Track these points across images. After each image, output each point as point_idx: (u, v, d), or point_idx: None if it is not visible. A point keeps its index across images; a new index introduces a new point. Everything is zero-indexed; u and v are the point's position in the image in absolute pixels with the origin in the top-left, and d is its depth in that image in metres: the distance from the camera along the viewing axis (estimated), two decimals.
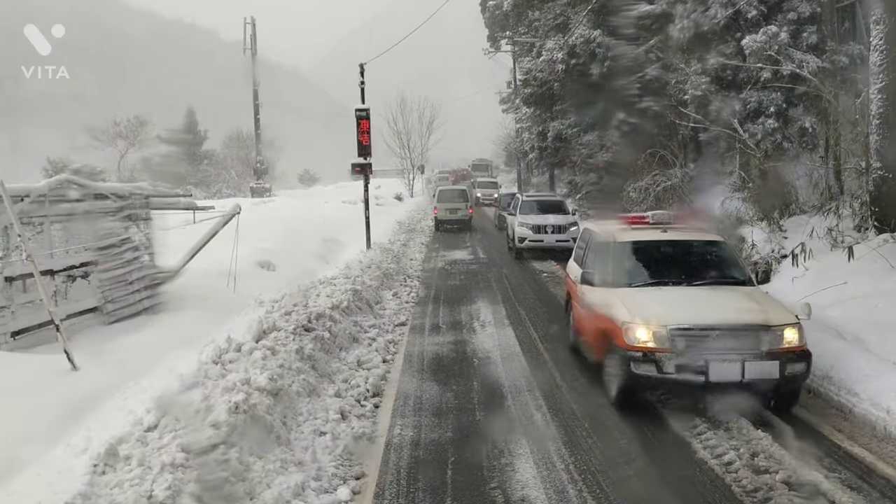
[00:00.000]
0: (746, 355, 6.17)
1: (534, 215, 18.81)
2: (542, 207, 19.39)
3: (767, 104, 13.90)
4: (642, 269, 7.77)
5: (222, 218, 12.41)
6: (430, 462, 5.78)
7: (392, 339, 9.95)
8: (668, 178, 17.92)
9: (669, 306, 6.73)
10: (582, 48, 20.69)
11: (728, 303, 6.88)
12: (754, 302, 6.89)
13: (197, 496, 4.42)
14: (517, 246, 18.58)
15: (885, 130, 10.43)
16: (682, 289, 7.31)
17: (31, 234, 8.54)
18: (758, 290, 7.64)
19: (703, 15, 14.80)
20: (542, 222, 18.37)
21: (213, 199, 28.35)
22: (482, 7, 43.93)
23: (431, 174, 59.52)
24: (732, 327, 6.32)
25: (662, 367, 6.26)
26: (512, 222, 19.61)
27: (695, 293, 7.18)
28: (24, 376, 6.72)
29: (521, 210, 19.17)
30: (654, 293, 7.15)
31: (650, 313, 6.60)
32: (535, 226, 18.29)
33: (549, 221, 18.39)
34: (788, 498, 4.93)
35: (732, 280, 7.62)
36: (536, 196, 22.24)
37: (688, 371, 6.19)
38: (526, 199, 20.43)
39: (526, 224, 18.47)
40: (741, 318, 6.44)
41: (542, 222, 18.36)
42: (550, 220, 18.49)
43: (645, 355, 6.36)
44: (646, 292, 7.21)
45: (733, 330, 6.30)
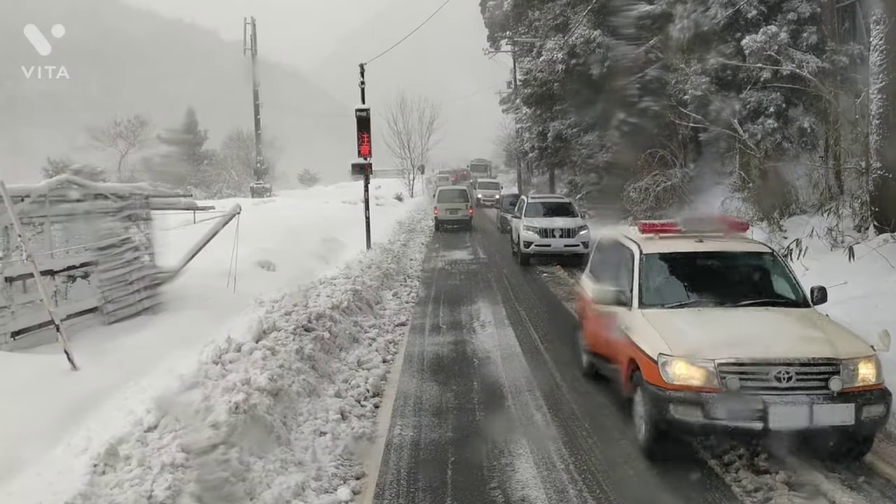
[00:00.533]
0: (814, 396, 5.11)
1: (540, 218, 17.67)
2: (549, 210, 18.31)
3: (767, 104, 13.92)
4: (676, 287, 6.71)
5: (222, 218, 12.41)
6: (430, 462, 5.78)
7: (392, 339, 9.95)
8: (668, 178, 17.95)
9: (715, 334, 5.62)
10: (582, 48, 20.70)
11: (786, 330, 5.81)
12: (817, 329, 5.81)
13: (197, 496, 4.42)
14: (523, 251, 17.41)
15: (885, 130, 10.43)
16: (727, 311, 6.16)
17: (32, 234, 8.54)
18: (817, 312, 6.34)
19: (703, 15, 14.81)
20: (549, 226, 17.15)
21: (214, 200, 28.35)
22: (482, 7, 43.97)
23: (431, 174, 59.58)
24: (796, 362, 5.21)
25: (710, 411, 5.13)
26: (517, 226, 18.50)
27: (743, 317, 6.07)
28: (24, 376, 6.72)
29: (527, 212, 18.09)
30: (692, 317, 6.04)
31: (692, 344, 5.47)
32: (542, 229, 17.06)
33: (556, 225, 17.15)
34: (789, 498, 4.93)
35: (785, 300, 6.47)
36: (543, 198, 21.03)
37: (742, 416, 5.10)
38: (532, 200, 19.29)
39: (532, 228, 17.26)
40: (806, 350, 5.34)
41: (550, 226, 17.14)
42: (558, 223, 17.24)
43: (687, 396, 5.24)
44: (683, 316, 6.09)
45: (798, 365, 5.20)
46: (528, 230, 17.31)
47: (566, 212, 18.27)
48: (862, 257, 9.74)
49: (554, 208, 18.54)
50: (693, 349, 5.39)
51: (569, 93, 23.92)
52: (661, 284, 6.65)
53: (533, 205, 18.78)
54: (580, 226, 17.20)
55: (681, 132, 18.18)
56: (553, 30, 25.08)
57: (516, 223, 18.78)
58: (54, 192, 9.02)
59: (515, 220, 19.02)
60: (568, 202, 19.60)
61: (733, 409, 5.11)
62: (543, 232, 17.07)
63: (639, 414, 5.86)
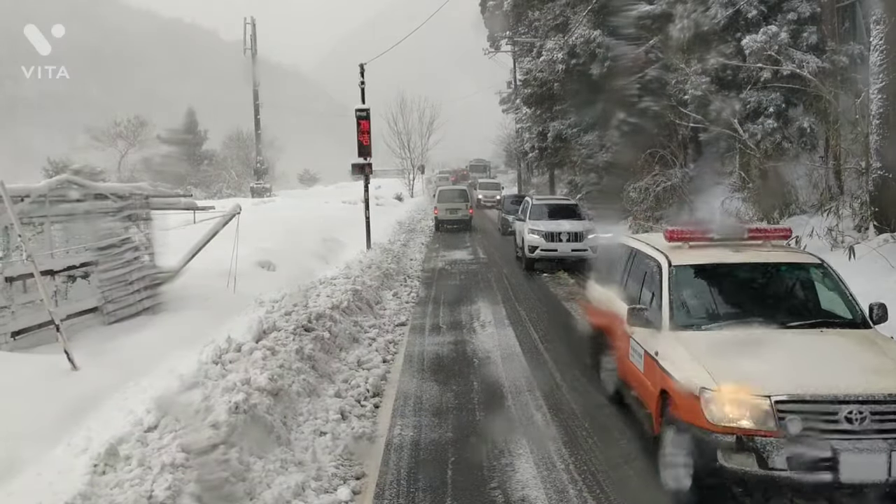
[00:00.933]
0: (893, 441, 4.27)
1: (546, 221, 16.77)
2: (555, 212, 17.39)
3: (767, 104, 13.91)
4: (713, 305, 5.89)
5: (222, 218, 12.42)
6: (430, 462, 5.78)
7: (392, 339, 9.95)
8: (668, 178, 17.95)
9: (767, 363, 4.75)
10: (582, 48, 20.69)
11: (850, 357, 4.99)
12: (885, 355, 4.96)
13: (197, 496, 4.42)
14: (528, 256, 16.54)
15: (885, 130, 10.44)
16: (775, 334, 5.22)
17: (32, 234, 8.55)
18: (880, 334, 5.43)
19: (703, 15, 14.80)
20: (555, 229, 16.23)
21: (214, 200, 28.35)
22: (482, 7, 43.92)
23: (431, 174, 59.61)
24: (871, 399, 4.35)
25: (768, 458, 4.29)
26: (521, 229, 17.67)
27: (794, 342, 5.18)
28: (24, 376, 6.72)
29: (532, 215, 17.20)
30: (735, 342, 5.12)
31: (741, 374, 4.59)
32: (548, 233, 16.17)
33: (563, 228, 16.26)
34: (788, 498, 4.92)
35: (840, 320, 5.61)
36: (548, 199, 20.24)
37: (806, 466, 4.25)
38: (537, 202, 18.36)
39: (537, 231, 16.39)
40: (880, 383, 4.46)
41: (556, 229, 16.23)
42: (565, 226, 16.34)
43: (740, 441, 4.36)
44: (723, 340, 5.19)
45: (872, 403, 4.34)
46: (534, 234, 16.48)
47: (573, 214, 17.43)
48: (862, 257, 9.75)
49: (560, 210, 17.64)
50: (742, 380, 4.52)
51: (569, 93, 23.91)
52: (696, 302, 5.84)
53: (538, 206, 17.88)
54: (587, 229, 16.31)
55: (681, 132, 18.18)
56: (553, 30, 25.08)
57: (520, 226, 17.91)
58: (54, 192, 9.02)
59: (519, 223, 18.18)
60: (574, 204, 18.70)
61: (796, 457, 4.27)
62: (549, 236, 16.21)
63: (670, 458, 4.94)
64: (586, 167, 25.49)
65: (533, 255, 16.38)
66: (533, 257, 16.40)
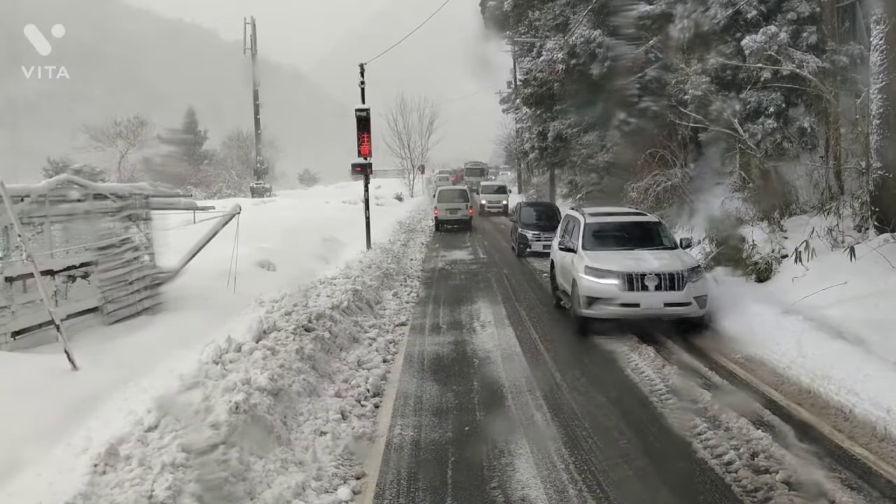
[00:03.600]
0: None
1: (616, 252, 10.37)
2: (625, 236, 11.07)
3: (767, 104, 13.89)
4: None
5: (222, 218, 12.42)
6: (430, 462, 5.78)
7: (392, 339, 9.96)
8: (669, 178, 17.92)
9: None
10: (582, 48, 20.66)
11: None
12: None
13: (197, 496, 4.42)
14: (582, 312, 9.89)
15: (886, 130, 10.43)
16: None
17: (32, 234, 8.55)
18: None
19: (703, 15, 14.78)
20: (636, 269, 9.71)
21: (214, 200, 28.40)
22: (482, 7, 43.91)
23: (431, 174, 59.59)
24: None
25: None
26: (566, 263, 11.11)
27: None
28: (24, 376, 6.72)
29: (588, 241, 10.79)
30: None
31: None
32: (627, 276, 9.61)
33: (649, 267, 9.75)
34: (789, 498, 4.93)
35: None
36: (611, 215, 12.08)
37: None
38: (592, 220, 11.32)
39: (602, 272, 9.80)
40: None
41: (637, 268, 9.71)
42: (651, 262, 9.90)
43: None
44: None
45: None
46: (595, 276, 9.85)
47: (652, 239, 10.96)
48: (862, 257, 9.75)
49: (632, 232, 11.19)
50: None
51: (569, 93, 23.87)
52: None
53: (595, 227, 11.15)
54: (690, 267, 9.86)
55: (681, 132, 18.14)
56: (553, 30, 25.05)
57: (564, 259, 11.39)
58: (54, 192, 9.02)
59: (562, 254, 11.53)
60: (654, 222, 11.73)
61: None
62: (629, 280, 9.58)
63: None
64: (586, 167, 25.45)
65: (592, 311, 9.78)
66: (593, 315, 9.81)
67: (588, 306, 9.84)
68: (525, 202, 23.97)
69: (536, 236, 17.52)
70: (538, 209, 20.88)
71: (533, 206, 21.72)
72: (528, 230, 18.65)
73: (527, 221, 19.45)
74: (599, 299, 9.70)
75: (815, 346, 7.75)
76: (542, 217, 19.31)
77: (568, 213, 13.14)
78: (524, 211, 20.47)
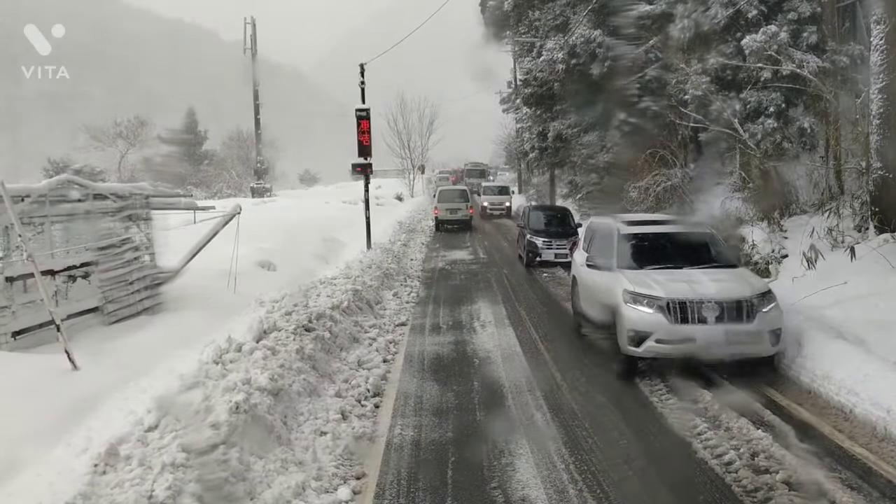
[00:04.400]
0: None
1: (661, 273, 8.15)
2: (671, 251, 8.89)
3: (767, 104, 13.89)
4: None
5: (223, 218, 12.43)
6: (430, 462, 5.78)
7: (392, 339, 9.96)
8: (669, 178, 17.92)
9: None
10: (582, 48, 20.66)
11: None
12: None
13: (197, 496, 4.42)
14: (633, 352, 7.73)
15: (886, 130, 10.43)
16: None
17: (32, 234, 8.55)
18: None
19: (703, 15, 14.78)
20: (690, 294, 7.53)
21: (214, 200, 28.39)
22: (482, 7, 43.91)
23: (432, 174, 59.57)
24: None
25: None
26: (600, 287, 8.75)
27: None
28: (24, 376, 6.72)
29: (626, 258, 8.67)
30: None
31: None
32: (680, 304, 7.46)
33: (707, 292, 7.60)
34: (789, 498, 4.93)
35: None
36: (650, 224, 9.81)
37: None
38: (629, 230, 9.17)
39: (652, 299, 7.65)
40: None
41: (692, 294, 7.53)
42: (708, 286, 7.71)
43: None
44: None
45: None
46: (641, 304, 7.71)
47: (705, 252, 8.86)
48: (862, 257, 9.74)
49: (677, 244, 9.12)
50: None
51: (569, 93, 23.87)
52: None
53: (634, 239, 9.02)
54: (760, 291, 7.79)
55: (681, 132, 18.14)
56: (553, 30, 25.05)
57: (590, 277, 9.34)
58: (54, 192, 9.03)
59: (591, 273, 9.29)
60: (707, 231, 9.34)
61: None
62: (680, 310, 7.46)
63: None
64: (587, 167, 25.45)
65: (641, 349, 7.65)
66: (641, 354, 7.72)
67: (637, 343, 7.66)
68: (533, 205, 21.74)
69: (547, 244, 15.92)
70: (548, 213, 18.88)
71: (542, 210, 19.53)
72: (538, 237, 16.81)
73: (536, 227, 17.36)
74: (647, 334, 7.61)
75: (815, 345, 7.75)
76: (552, 222, 17.52)
77: (595, 222, 10.96)
78: (533, 215, 18.19)
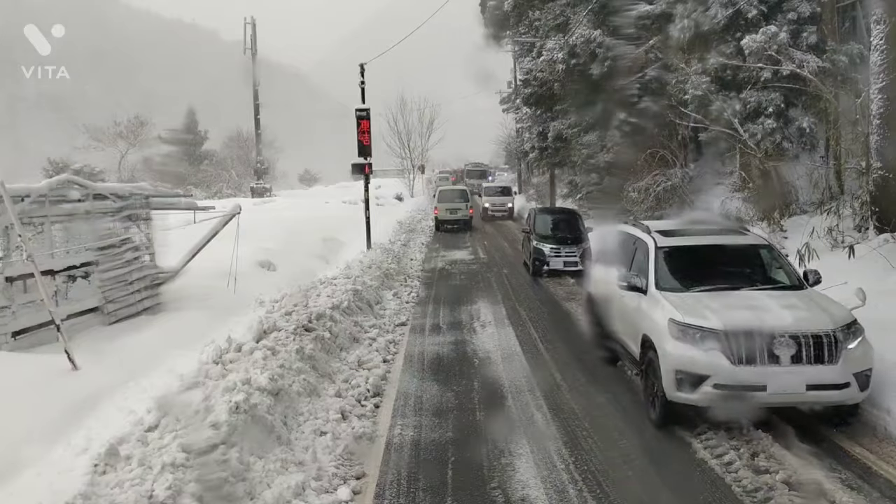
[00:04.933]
0: None
1: (714, 296, 6.59)
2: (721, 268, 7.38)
3: (767, 104, 13.89)
4: None
5: (223, 218, 12.43)
6: (430, 462, 5.78)
7: (392, 339, 9.96)
8: (669, 178, 17.91)
9: None
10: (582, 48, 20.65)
11: None
12: None
13: (197, 496, 4.42)
14: (677, 397, 6.10)
15: (886, 130, 10.43)
16: None
17: (32, 234, 8.56)
18: None
19: (703, 15, 14.78)
20: (756, 325, 5.95)
21: (214, 200, 28.36)
22: (482, 7, 43.91)
23: (432, 174, 59.52)
24: None
25: None
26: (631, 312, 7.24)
27: None
28: (24, 376, 6.73)
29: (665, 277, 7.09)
30: None
31: None
32: (745, 337, 5.88)
33: (779, 323, 6.02)
34: (789, 498, 4.93)
35: None
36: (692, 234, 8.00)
37: None
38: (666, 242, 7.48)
39: (706, 333, 6.00)
40: None
41: (759, 325, 5.96)
42: (778, 314, 6.20)
43: None
44: None
45: None
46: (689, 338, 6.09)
47: (762, 269, 7.56)
48: (862, 257, 9.74)
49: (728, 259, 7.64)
50: None
51: (569, 93, 23.86)
52: None
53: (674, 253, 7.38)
54: (844, 322, 6.40)
55: (681, 132, 18.15)
56: (553, 30, 25.04)
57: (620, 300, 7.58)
58: (54, 192, 9.03)
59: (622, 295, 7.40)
60: (763, 244, 7.88)
61: None
62: (746, 346, 5.86)
63: None
64: (587, 167, 25.44)
65: (689, 396, 6.06)
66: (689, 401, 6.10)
67: (683, 388, 6.00)
68: (539, 208, 19.66)
69: (555, 251, 14.86)
70: (556, 217, 17.36)
71: (549, 214, 18.08)
72: (545, 243, 15.39)
73: (542, 233, 15.90)
74: (702, 377, 5.88)
75: None
76: (560, 227, 16.17)
77: (623, 231, 8.68)
78: (539, 219, 16.67)
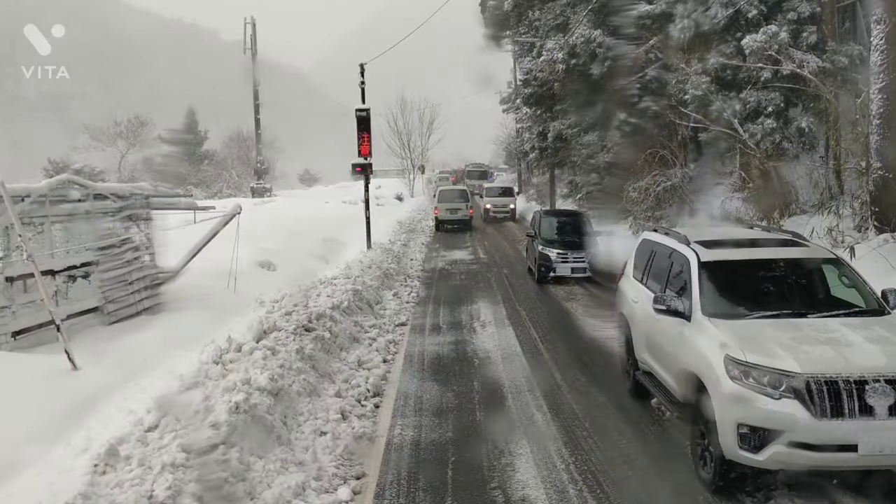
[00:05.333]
0: None
1: (777, 325, 5.31)
2: (780, 289, 6.17)
3: (767, 104, 13.90)
4: None
5: (223, 218, 12.42)
6: (430, 462, 5.78)
7: (392, 339, 9.96)
8: (669, 178, 17.92)
9: None
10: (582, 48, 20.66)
11: None
12: None
13: (197, 496, 4.42)
14: (744, 458, 4.77)
15: (886, 130, 10.44)
16: None
17: (32, 234, 8.55)
18: None
19: (703, 15, 14.79)
20: (842, 367, 4.63)
21: (214, 200, 28.36)
22: (482, 7, 43.92)
23: (432, 174, 59.52)
24: None
25: None
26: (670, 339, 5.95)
27: None
28: (24, 376, 6.73)
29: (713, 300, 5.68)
30: None
31: None
32: (828, 384, 4.56)
33: (871, 364, 4.68)
34: (789, 498, 4.93)
35: None
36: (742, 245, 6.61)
37: None
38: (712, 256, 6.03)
39: (779, 375, 4.68)
40: None
41: (845, 366, 4.63)
42: (868, 351, 4.90)
43: None
44: None
45: None
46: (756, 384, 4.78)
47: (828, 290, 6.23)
48: (862, 257, 9.74)
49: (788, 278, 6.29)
50: None
51: (569, 93, 23.88)
52: None
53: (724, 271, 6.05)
54: None
55: (681, 132, 18.15)
56: (553, 30, 25.04)
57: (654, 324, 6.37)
58: (54, 192, 9.03)
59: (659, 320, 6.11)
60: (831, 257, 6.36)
61: None
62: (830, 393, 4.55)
63: None
64: (587, 167, 25.45)
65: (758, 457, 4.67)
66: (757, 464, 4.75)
67: (747, 446, 4.75)
68: (544, 211, 18.49)
69: (562, 256, 14.27)
70: (561, 220, 16.58)
71: (555, 217, 17.28)
72: (551, 248, 14.67)
73: (548, 237, 15.15)
74: (773, 433, 4.66)
75: None
76: (566, 230, 15.50)
77: (649, 240, 7.51)
78: (544, 222, 15.83)
